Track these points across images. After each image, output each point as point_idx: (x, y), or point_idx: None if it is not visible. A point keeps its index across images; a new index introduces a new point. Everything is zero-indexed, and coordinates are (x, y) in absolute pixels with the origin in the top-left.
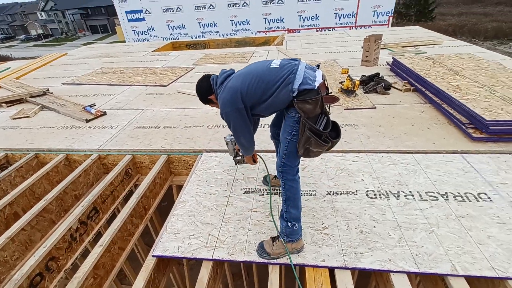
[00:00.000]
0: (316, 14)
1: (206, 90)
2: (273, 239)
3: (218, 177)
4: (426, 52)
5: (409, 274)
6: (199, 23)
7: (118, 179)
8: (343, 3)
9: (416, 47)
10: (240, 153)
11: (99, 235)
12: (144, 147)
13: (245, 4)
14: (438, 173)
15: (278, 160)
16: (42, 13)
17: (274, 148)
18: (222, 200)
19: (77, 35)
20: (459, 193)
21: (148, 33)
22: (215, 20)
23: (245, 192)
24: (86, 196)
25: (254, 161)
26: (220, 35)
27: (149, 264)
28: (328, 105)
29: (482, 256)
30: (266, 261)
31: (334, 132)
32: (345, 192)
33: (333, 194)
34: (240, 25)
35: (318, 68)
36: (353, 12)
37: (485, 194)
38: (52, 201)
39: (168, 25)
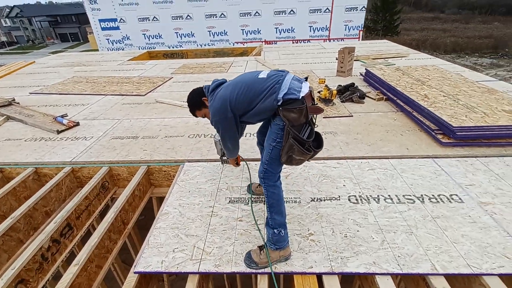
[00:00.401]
0: (292, 27)
1: (198, 94)
2: (260, 248)
3: (202, 187)
4: (395, 64)
5: (393, 275)
6: (176, 33)
7: (94, 193)
8: (316, 17)
9: (386, 59)
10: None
11: (72, 254)
12: (121, 158)
13: (222, 15)
14: (413, 177)
15: (260, 166)
16: (7, 19)
17: (256, 157)
18: (206, 210)
19: (45, 43)
20: (433, 195)
21: (123, 42)
22: (192, 30)
23: (229, 201)
24: (58, 212)
25: (237, 164)
26: (198, 45)
27: (130, 281)
28: (314, 115)
29: (458, 254)
30: (254, 271)
31: (316, 142)
32: (328, 198)
33: (317, 200)
34: (218, 35)
35: (305, 81)
36: (326, 25)
37: (457, 195)
38: (20, 219)
39: (144, 34)
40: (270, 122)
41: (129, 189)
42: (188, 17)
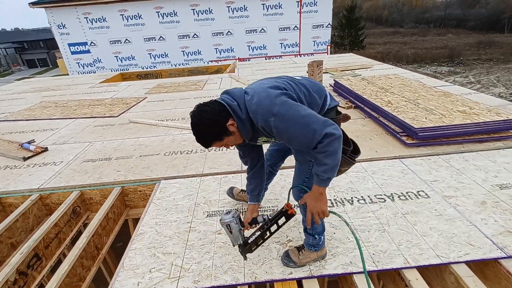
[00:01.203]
0: (263, 44)
1: (219, 112)
2: (299, 249)
3: (179, 204)
4: (360, 75)
5: (369, 272)
6: (150, 54)
7: (64, 219)
8: (286, 34)
9: (352, 70)
10: (249, 236)
11: (42, 287)
12: (93, 181)
13: (195, 35)
14: (383, 177)
15: (297, 184)
16: None
17: (234, 169)
18: (184, 226)
19: (11, 70)
20: (402, 193)
21: (95, 65)
22: (166, 51)
23: (208, 215)
24: (25, 243)
25: (326, 215)
26: (172, 65)
27: None
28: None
29: (428, 246)
30: (251, 281)
31: (354, 149)
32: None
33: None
34: (191, 55)
35: None
36: (296, 42)
37: (423, 191)
38: None
39: (116, 56)
40: None
41: (102, 211)
42: (161, 38)
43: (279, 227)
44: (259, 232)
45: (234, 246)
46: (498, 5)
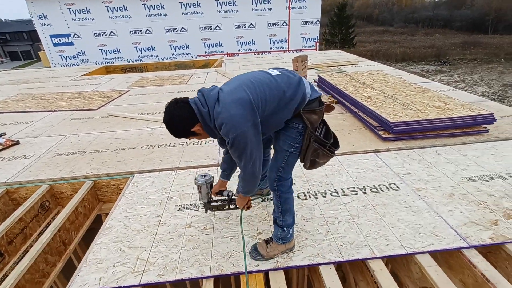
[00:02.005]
0: (252, 39)
1: (186, 119)
2: (267, 242)
3: (151, 197)
4: (346, 71)
5: (335, 263)
6: (136, 47)
7: (31, 214)
8: (275, 30)
9: (338, 66)
10: (216, 198)
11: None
12: (64, 175)
13: (183, 29)
14: (357, 171)
15: (272, 174)
16: None
17: (210, 163)
18: (154, 220)
19: None
20: (374, 185)
21: (78, 57)
22: (153, 44)
23: (179, 209)
24: None
25: (249, 206)
26: (159, 59)
27: None
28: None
29: (394, 237)
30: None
31: (334, 142)
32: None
33: (267, 200)
34: (179, 49)
35: None
36: (285, 38)
37: (395, 184)
38: None
39: (101, 49)
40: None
41: (71, 206)
42: (148, 32)
43: (236, 207)
44: (220, 203)
45: (200, 201)
46: (482, 7)
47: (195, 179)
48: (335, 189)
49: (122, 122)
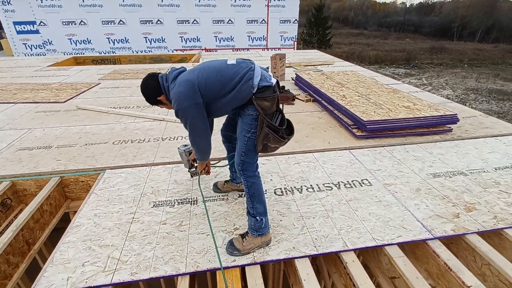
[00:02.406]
0: (231, 36)
1: (153, 89)
2: (242, 236)
3: (123, 194)
4: (322, 70)
5: (310, 257)
6: (108, 38)
7: None
8: (254, 27)
9: (315, 66)
10: (196, 164)
11: None
12: (28, 170)
13: (159, 22)
14: (332, 167)
15: (237, 159)
16: None
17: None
18: (126, 217)
19: None
20: (348, 181)
21: (44, 47)
22: (126, 36)
23: (154, 205)
24: None
25: (207, 172)
26: (133, 52)
27: None
28: (282, 104)
29: (366, 230)
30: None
31: (287, 129)
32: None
33: (243, 196)
34: (155, 42)
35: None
36: (263, 35)
37: (367, 179)
38: None
39: (70, 39)
40: (239, 114)
41: (35, 203)
42: (121, 22)
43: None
44: (194, 169)
45: (185, 167)
46: (449, 15)
47: (178, 147)
48: (311, 185)
49: (92, 116)
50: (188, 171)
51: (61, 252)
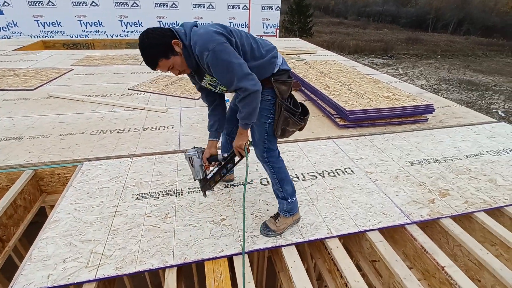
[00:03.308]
0: (212, 21)
1: (165, 34)
2: (274, 217)
3: (104, 187)
4: (305, 59)
5: (296, 244)
6: (80, 21)
7: None
8: (236, 13)
9: (297, 54)
10: (211, 170)
11: None
12: None
13: (135, 4)
14: (316, 156)
15: (260, 148)
16: None
17: (168, 150)
18: (108, 211)
19: None
20: (331, 170)
21: (9, 29)
22: (100, 18)
23: (137, 198)
24: None
25: (248, 150)
26: (107, 36)
27: None
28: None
29: (349, 217)
30: (202, 257)
31: (302, 111)
32: (241, 184)
33: (230, 186)
34: (131, 26)
35: None
36: (245, 22)
37: (349, 168)
38: None
39: (37, 21)
40: None
41: (8, 198)
42: (94, 4)
43: (234, 164)
44: (216, 168)
45: (195, 180)
46: (424, 6)
47: (185, 153)
48: (296, 174)
49: (66, 105)
50: (202, 184)
51: (40, 248)
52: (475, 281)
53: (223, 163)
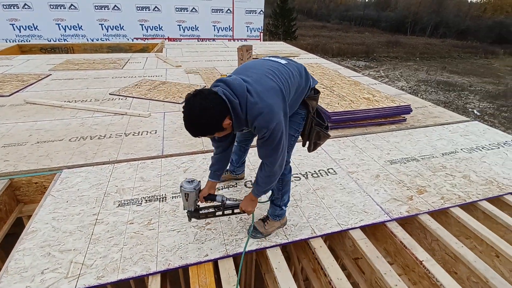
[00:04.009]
0: (195, 25)
1: (220, 111)
2: (263, 220)
3: (84, 194)
4: None
5: (281, 245)
6: (58, 24)
7: None
8: (219, 17)
9: None
10: (205, 205)
11: None
12: None
13: (116, 7)
14: (300, 158)
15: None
16: None
17: (150, 155)
18: (89, 219)
19: None
20: (315, 171)
21: None
22: (79, 22)
23: (119, 205)
24: None
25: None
26: (87, 40)
27: None
28: None
29: (332, 216)
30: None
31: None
32: (226, 186)
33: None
34: (112, 29)
35: None
36: (229, 26)
37: (332, 168)
38: None
39: (12, 24)
40: None
41: None
42: (73, 7)
43: (233, 213)
44: (213, 210)
45: (184, 209)
46: (403, 10)
47: (181, 186)
48: None
49: (43, 111)
50: (189, 214)
51: (16, 260)
52: (451, 274)
53: (222, 208)
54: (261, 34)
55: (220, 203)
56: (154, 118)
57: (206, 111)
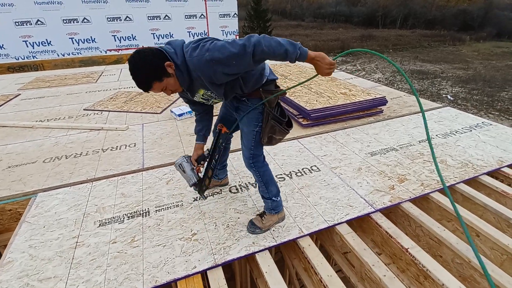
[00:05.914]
0: (170, 32)
1: (157, 55)
2: (261, 215)
3: (62, 217)
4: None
5: (269, 248)
6: (25, 41)
7: None
8: (193, 22)
9: None
10: (203, 172)
11: None
12: None
13: (85, 20)
14: (283, 158)
15: (246, 154)
16: None
17: (130, 169)
18: (68, 243)
19: None
20: (298, 170)
21: None
22: (47, 37)
23: (100, 225)
24: None
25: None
26: (58, 55)
27: None
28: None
29: (318, 214)
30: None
31: (288, 121)
32: (211, 194)
33: (199, 199)
34: (83, 43)
35: None
36: (204, 31)
37: (315, 166)
38: None
39: None
40: (240, 109)
41: None
42: (39, 22)
43: (220, 150)
44: (207, 163)
45: (190, 186)
46: (373, 5)
47: (175, 164)
48: None
49: (13, 133)
50: (198, 188)
51: None
52: (437, 258)
53: (210, 153)
54: (237, 37)
55: (207, 155)
56: (133, 130)
57: (142, 54)
